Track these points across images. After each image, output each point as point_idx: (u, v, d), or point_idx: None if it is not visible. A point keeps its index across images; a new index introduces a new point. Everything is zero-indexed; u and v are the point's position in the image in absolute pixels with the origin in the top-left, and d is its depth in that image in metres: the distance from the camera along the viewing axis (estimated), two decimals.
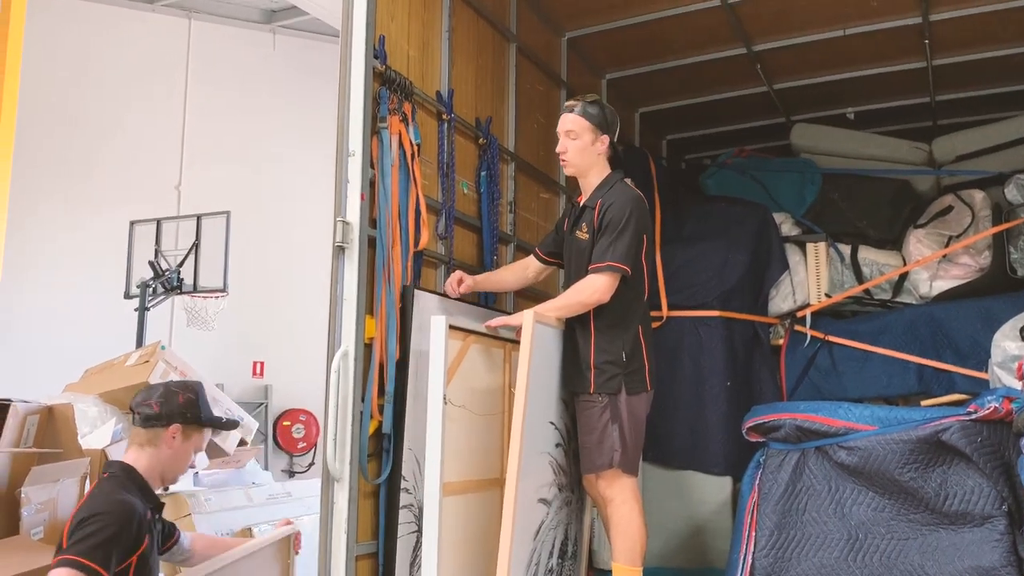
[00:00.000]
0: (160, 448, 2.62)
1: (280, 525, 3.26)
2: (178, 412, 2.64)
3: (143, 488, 2.58)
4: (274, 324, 10.27)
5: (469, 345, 3.32)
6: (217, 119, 10.25)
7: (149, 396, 2.65)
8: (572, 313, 3.30)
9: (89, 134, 9.57)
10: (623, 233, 3.22)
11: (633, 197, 3.32)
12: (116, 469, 2.58)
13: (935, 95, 5.55)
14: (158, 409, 2.62)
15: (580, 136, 3.34)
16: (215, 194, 9.42)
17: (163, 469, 2.65)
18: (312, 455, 10.61)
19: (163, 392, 2.68)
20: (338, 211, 3.11)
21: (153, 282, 7.95)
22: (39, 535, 4.22)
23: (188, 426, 2.67)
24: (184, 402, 2.67)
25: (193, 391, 2.73)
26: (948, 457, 3.07)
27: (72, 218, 9.30)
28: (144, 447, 2.61)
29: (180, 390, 2.71)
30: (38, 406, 4.60)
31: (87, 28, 9.74)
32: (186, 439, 2.68)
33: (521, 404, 3.06)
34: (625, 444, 3.23)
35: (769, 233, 4.99)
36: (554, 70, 4.92)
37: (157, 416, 2.61)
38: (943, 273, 4.74)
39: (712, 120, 6.25)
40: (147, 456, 2.61)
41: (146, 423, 2.61)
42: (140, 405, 2.64)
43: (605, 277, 3.21)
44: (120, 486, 2.50)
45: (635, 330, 3.31)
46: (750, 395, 4.73)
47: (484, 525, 3.39)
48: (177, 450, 2.66)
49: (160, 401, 2.64)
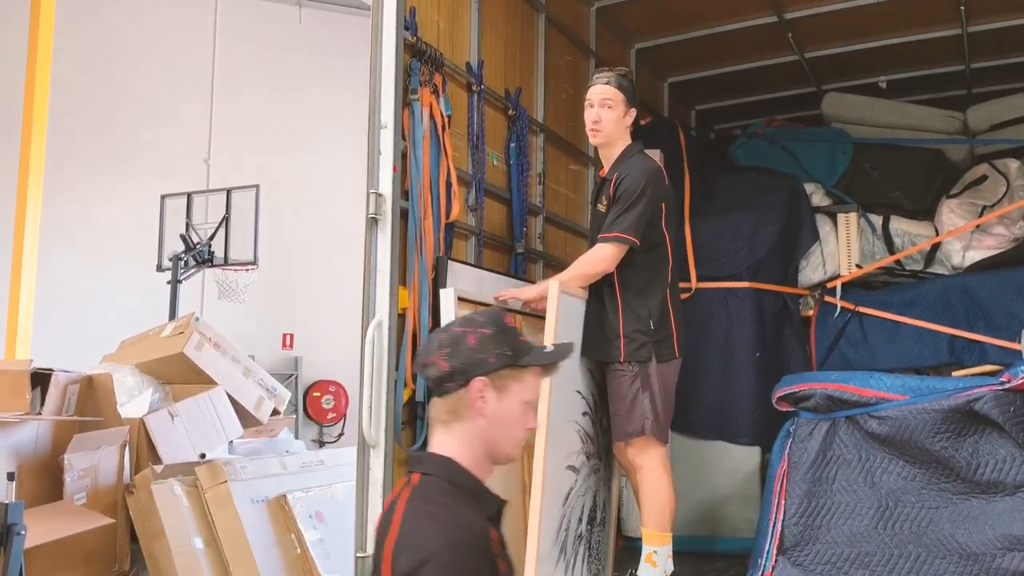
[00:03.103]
0: (471, 418, 1.75)
1: None
2: (475, 360, 1.75)
3: (474, 490, 1.77)
4: (303, 296, 10.39)
5: None
6: (245, 93, 10.31)
7: (429, 351, 1.79)
8: (581, 283, 3.33)
9: (120, 110, 9.68)
10: (634, 205, 3.23)
11: (648, 168, 3.33)
12: (432, 467, 1.75)
13: (970, 63, 5.46)
14: (447, 365, 1.74)
15: (616, 106, 3.33)
16: (243, 168, 9.51)
17: (487, 446, 1.78)
18: (342, 425, 10.76)
19: (446, 339, 1.79)
20: (371, 183, 3.14)
21: (185, 255, 8.06)
22: (82, 500, 4.35)
23: (497, 374, 1.76)
24: (478, 343, 1.76)
25: (488, 323, 1.80)
26: (980, 427, 3.06)
27: (105, 193, 9.44)
28: (450, 424, 1.76)
29: (467, 327, 1.80)
30: (78, 376, 4.72)
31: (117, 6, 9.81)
32: (502, 393, 1.77)
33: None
34: (656, 412, 3.27)
35: (799, 204, 4.96)
36: (583, 40, 4.90)
37: (449, 374, 1.74)
38: (976, 243, 4.70)
39: (742, 90, 6.20)
40: (457, 435, 1.76)
41: (440, 388, 1.77)
42: (424, 367, 1.80)
43: (610, 247, 3.23)
44: (447, 498, 1.71)
45: (661, 297, 3.33)
46: (779, 366, 4.72)
47: (507, 492, 3.43)
48: (494, 413, 1.76)
49: (447, 352, 1.75)
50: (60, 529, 4.00)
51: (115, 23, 9.77)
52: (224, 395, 5.36)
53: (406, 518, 1.64)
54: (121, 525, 4.42)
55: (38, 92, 8.06)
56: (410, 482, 1.74)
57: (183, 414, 5.07)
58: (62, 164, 8.78)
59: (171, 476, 4.48)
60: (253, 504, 4.61)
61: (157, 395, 5.22)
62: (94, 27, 9.58)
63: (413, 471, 1.76)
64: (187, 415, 5.09)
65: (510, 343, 1.78)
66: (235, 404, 5.45)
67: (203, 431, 5.15)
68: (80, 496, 4.33)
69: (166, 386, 5.43)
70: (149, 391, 5.17)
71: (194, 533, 4.39)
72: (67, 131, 8.94)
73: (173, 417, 5.02)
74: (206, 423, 5.22)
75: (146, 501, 4.41)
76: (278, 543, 4.57)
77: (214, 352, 5.50)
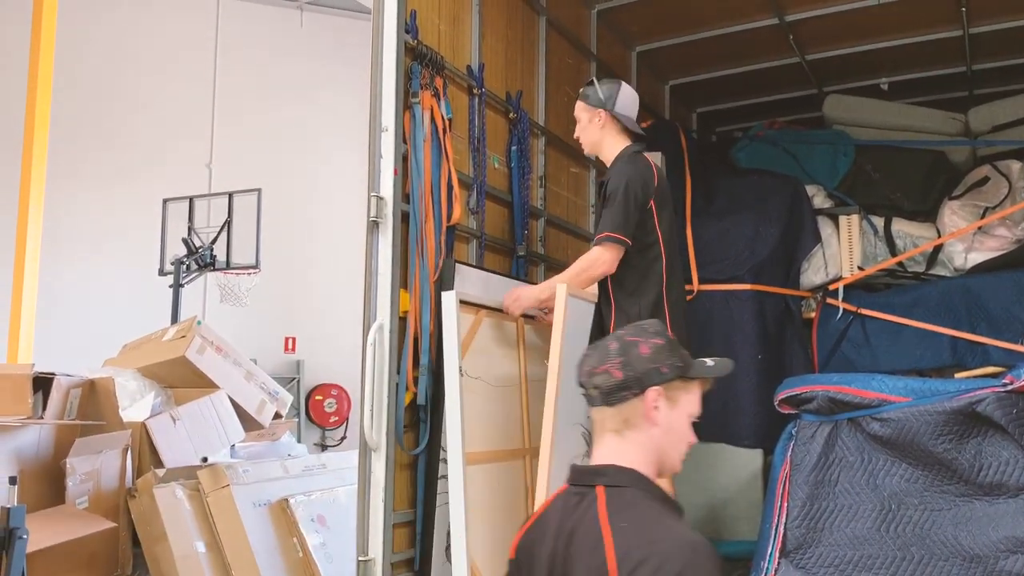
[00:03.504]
0: (645, 428, 1.71)
1: None
2: (649, 370, 1.71)
3: (664, 498, 1.72)
4: (305, 300, 10.40)
5: (482, 319, 3.37)
6: (246, 97, 10.33)
7: (601, 359, 1.74)
8: (578, 287, 3.31)
9: (121, 115, 9.69)
10: (618, 204, 3.23)
11: (628, 165, 3.31)
12: (621, 478, 1.67)
13: (971, 64, 5.45)
14: (620, 374, 1.70)
15: (580, 118, 3.43)
16: (245, 171, 9.51)
17: (659, 456, 1.75)
18: (344, 429, 10.76)
19: (617, 348, 1.74)
20: (372, 186, 3.13)
21: (187, 259, 8.06)
22: (84, 504, 4.35)
23: (669, 385, 1.73)
24: (651, 353, 1.73)
25: (658, 334, 1.77)
26: (983, 429, 3.05)
27: (106, 197, 9.46)
28: (623, 434, 1.71)
29: (638, 337, 1.76)
30: (80, 380, 4.71)
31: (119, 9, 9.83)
32: (673, 404, 1.74)
33: (555, 376, 3.09)
34: None
35: (801, 206, 4.96)
36: (584, 43, 4.90)
37: (623, 383, 1.70)
38: (978, 245, 4.69)
39: (743, 92, 6.19)
40: (633, 445, 1.71)
41: (612, 398, 1.71)
42: (592, 375, 1.74)
43: (602, 249, 3.23)
44: (657, 507, 1.65)
45: (653, 298, 3.30)
46: (781, 368, 4.72)
47: (510, 494, 3.46)
48: (666, 424, 1.73)
49: (620, 362, 1.71)
50: (62, 533, 3.99)
51: (116, 29, 9.79)
52: (226, 399, 5.35)
53: (624, 532, 1.56)
54: (123, 529, 4.41)
55: (40, 98, 8.07)
56: (595, 496, 1.64)
57: (185, 418, 5.07)
58: (64, 169, 8.79)
59: (173, 480, 4.47)
60: (255, 508, 4.61)
61: (159, 399, 5.21)
62: (95, 34, 9.60)
63: (595, 484, 1.67)
64: (189, 419, 5.09)
65: (679, 354, 1.76)
66: (237, 408, 5.44)
67: (205, 435, 5.14)
68: (82, 500, 4.32)
69: (168, 390, 5.42)
70: (151, 395, 5.16)
71: (196, 537, 4.38)
72: (69, 136, 8.95)
73: (175, 421, 5.02)
74: (208, 427, 5.21)
75: (148, 505, 4.40)
76: (280, 547, 4.56)
77: (216, 356, 5.50)
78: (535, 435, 3.61)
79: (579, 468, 1.75)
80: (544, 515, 1.73)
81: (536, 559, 1.67)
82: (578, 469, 1.75)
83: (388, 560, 2.97)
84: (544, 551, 1.66)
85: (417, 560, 3.17)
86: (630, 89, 3.45)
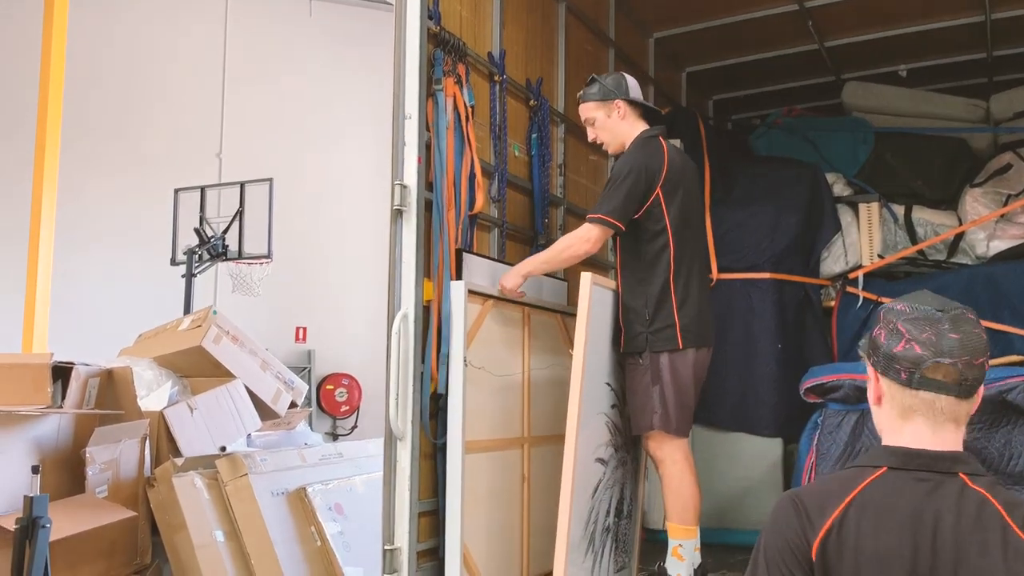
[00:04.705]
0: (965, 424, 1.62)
1: None
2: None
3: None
4: (316, 290, 10.39)
5: (488, 309, 3.35)
6: (256, 87, 10.30)
7: (983, 349, 1.58)
8: (560, 265, 3.30)
9: (133, 106, 9.69)
10: (619, 187, 3.18)
11: (638, 150, 3.26)
12: (979, 467, 1.58)
13: (992, 50, 5.40)
14: (987, 367, 1.60)
15: (595, 117, 3.38)
16: (255, 162, 9.50)
17: None
18: (355, 418, 10.77)
19: (987, 340, 1.60)
20: (396, 174, 3.10)
21: (199, 249, 8.05)
22: (103, 493, 4.35)
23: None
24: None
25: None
26: (1012, 417, 3.03)
27: (119, 187, 9.45)
28: (960, 428, 1.60)
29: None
30: (98, 369, 4.71)
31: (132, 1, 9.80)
32: None
33: (579, 365, 3.08)
34: (666, 406, 3.22)
35: (821, 194, 4.92)
36: (602, 29, 4.87)
37: (983, 379, 1.59)
38: (1001, 233, 4.66)
39: (759, 79, 6.14)
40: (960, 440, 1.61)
41: (974, 389, 1.58)
42: (971, 366, 1.56)
43: (588, 227, 3.20)
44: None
45: (660, 286, 3.24)
46: (801, 357, 4.70)
47: (507, 481, 3.47)
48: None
49: (988, 355, 1.60)
50: (83, 522, 3.99)
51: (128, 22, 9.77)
52: (242, 388, 5.35)
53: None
54: (142, 518, 4.42)
55: (52, 90, 8.07)
56: (963, 482, 1.53)
57: (202, 407, 5.06)
58: (76, 159, 8.79)
59: (192, 469, 4.48)
60: (273, 497, 4.61)
61: (176, 388, 5.21)
62: (107, 26, 9.58)
63: (957, 471, 1.54)
64: (206, 408, 5.08)
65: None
66: (253, 397, 5.44)
67: (222, 424, 5.14)
68: (101, 489, 4.32)
69: (184, 379, 5.42)
70: (168, 384, 5.16)
71: (215, 526, 4.39)
72: (81, 127, 8.95)
73: (192, 410, 5.01)
74: (225, 416, 5.21)
75: (167, 494, 4.41)
76: (298, 536, 4.56)
77: (232, 345, 5.49)
78: (536, 425, 3.64)
79: (918, 453, 1.57)
80: (870, 503, 1.54)
81: (879, 547, 1.50)
82: (918, 454, 1.57)
83: (414, 549, 2.96)
84: (899, 538, 1.51)
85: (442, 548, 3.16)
86: (631, 76, 3.44)
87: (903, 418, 1.60)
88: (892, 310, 1.66)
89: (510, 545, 3.45)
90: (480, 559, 3.18)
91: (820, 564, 1.52)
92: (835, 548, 1.51)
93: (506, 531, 3.43)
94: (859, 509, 1.53)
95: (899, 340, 1.60)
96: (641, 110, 3.41)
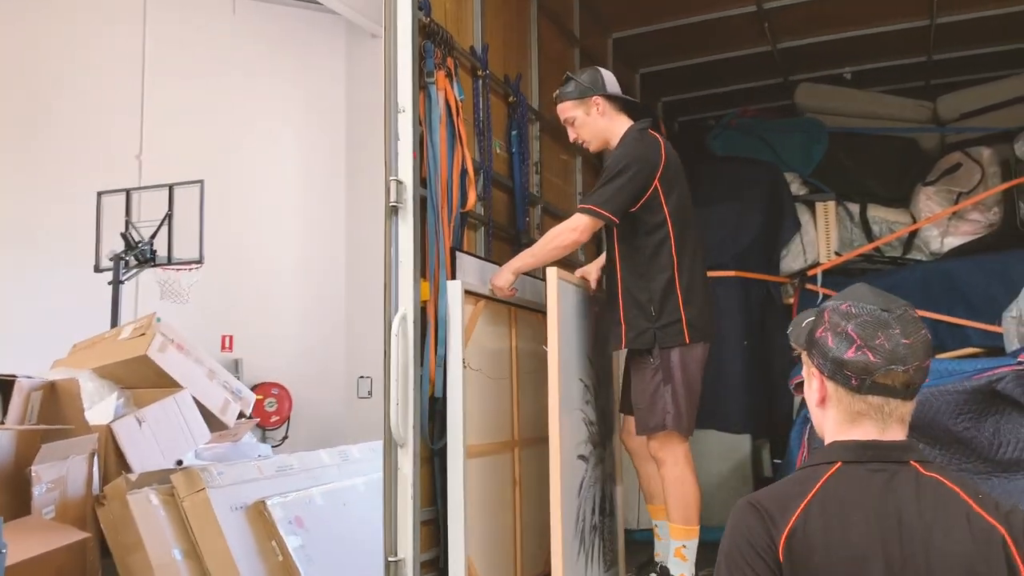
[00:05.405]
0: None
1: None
2: None
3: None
4: (243, 297, 10.02)
5: (481, 309, 3.28)
6: (176, 87, 9.87)
7: (928, 352, 1.62)
8: (548, 257, 3.20)
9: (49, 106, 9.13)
10: (614, 179, 3.12)
11: (636, 143, 3.20)
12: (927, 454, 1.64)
13: (933, 54, 5.59)
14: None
15: (574, 116, 3.31)
16: (177, 163, 9.09)
17: None
18: (285, 428, 10.42)
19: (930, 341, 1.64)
20: (390, 170, 2.96)
21: (126, 254, 7.66)
22: (51, 514, 4.06)
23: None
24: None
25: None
26: (1001, 407, 3.10)
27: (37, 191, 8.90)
28: (905, 425, 1.63)
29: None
30: (41, 382, 4.42)
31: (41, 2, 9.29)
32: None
33: (555, 362, 3.02)
34: (679, 405, 3.15)
35: (781, 193, 5.02)
36: (569, 28, 4.83)
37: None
38: (953, 230, 4.82)
39: (708, 81, 6.21)
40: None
41: (917, 392, 1.63)
42: (921, 370, 1.60)
43: (577, 217, 3.13)
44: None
45: (666, 281, 3.16)
46: (766, 354, 4.76)
47: (500, 486, 3.40)
48: None
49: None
50: (33, 547, 3.70)
51: (40, 19, 9.24)
52: (190, 399, 5.11)
53: (982, 494, 1.51)
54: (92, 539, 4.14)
55: None
56: (913, 469, 1.55)
57: (150, 419, 4.81)
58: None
59: (146, 485, 4.22)
60: (232, 511, 4.41)
61: (120, 400, 4.92)
62: (18, 23, 9.04)
63: (908, 459, 1.55)
64: (154, 420, 4.83)
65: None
66: (200, 408, 5.20)
67: (172, 437, 4.89)
68: (49, 510, 4.03)
69: (126, 391, 5.13)
70: (113, 396, 4.87)
71: (173, 544, 4.16)
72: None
73: (140, 423, 4.75)
74: (174, 428, 4.96)
75: (119, 512, 4.15)
76: (259, 551, 4.37)
77: (178, 354, 5.24)
78: (524, 427, 3.57)
79: (869, 444, 1.57)
80: (831, 499, 1.53)
81: (849, 542, 1.50)
82: (869, 445, 1.57)
83: (417, 560, 2.84)
84: (866, 531, 1.51)
85: (442, 559, 3.05)
86: (606, 70, 3.39)
87: (851, 422, 1.59)
88: (836, 310, 1.60)
89: (507, 551, 3.36)
90: (482, 569, 3.08)
91: (788, 563, 1.49)
92: (802, 546, 1.49)
93: (503, 538, 3.34)
94: (821, 505, 1.52)
95: (849, 345, 1.56)
96: (620, 104, 3.36)
